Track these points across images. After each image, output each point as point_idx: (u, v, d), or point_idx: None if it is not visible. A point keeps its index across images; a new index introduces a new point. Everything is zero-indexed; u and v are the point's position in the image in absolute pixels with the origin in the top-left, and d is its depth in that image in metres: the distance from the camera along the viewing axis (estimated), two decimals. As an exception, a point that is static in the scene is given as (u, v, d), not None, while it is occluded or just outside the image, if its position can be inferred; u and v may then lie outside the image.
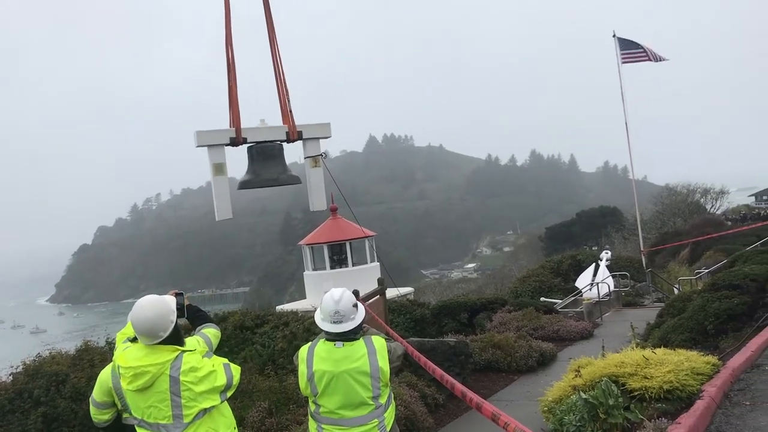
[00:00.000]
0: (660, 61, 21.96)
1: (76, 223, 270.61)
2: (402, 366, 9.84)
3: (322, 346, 4.77)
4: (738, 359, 8.28)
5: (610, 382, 6.95)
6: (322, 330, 4.80)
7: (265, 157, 9.91)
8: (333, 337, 4.73)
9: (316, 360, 4.72)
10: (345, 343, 4.71)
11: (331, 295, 4.77)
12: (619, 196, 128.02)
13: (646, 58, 21.82)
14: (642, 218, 33.61)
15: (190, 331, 4.85)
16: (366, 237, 23.78)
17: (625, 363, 7.43)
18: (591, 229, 67.52)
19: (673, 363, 7.31)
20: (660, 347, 8.61)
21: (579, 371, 7.64)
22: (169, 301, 4.41)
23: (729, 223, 42.44)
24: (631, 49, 21.90)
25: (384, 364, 4.70)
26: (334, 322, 4.69)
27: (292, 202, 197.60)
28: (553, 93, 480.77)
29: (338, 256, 23.07)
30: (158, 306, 4.24)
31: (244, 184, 10.14)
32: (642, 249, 24.66)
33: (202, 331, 4.75)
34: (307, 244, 23.69)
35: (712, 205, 53.94)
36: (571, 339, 14.25)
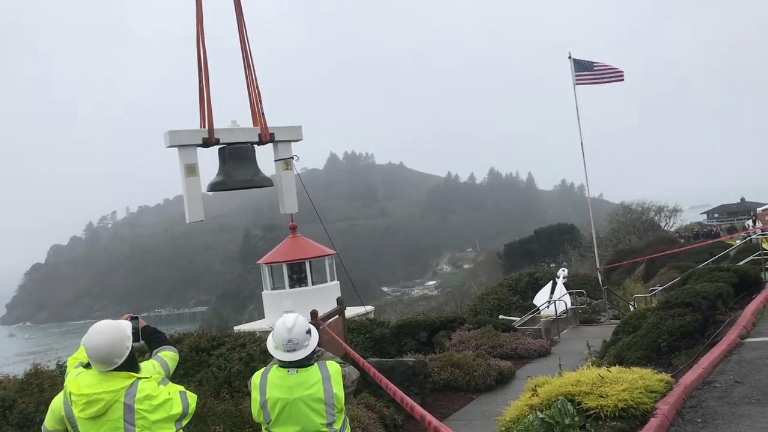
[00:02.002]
0: (615, 80, 22.43)
1: (28, 242, 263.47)
2: (361, 387, 9.80)
3: (275, 372, 4.70)
4: (690, 376, 8.44)
5: (566, 401, 7.03)
6: (273, 357, 4.74)
7: (238, 158, 9.77)
8: (287, 365, 4.67)
9: (269, 387, 4.64)
10: (299, 369, 4.65)
11: (283, 322, 4.69)
12: (577, 213, 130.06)
13: (599, 81, 22.30)
14: (598, 236, 34.20)
15: (146, 353, 4.74)
16: (326, 255, 23.69)
17: (581, 381, 7.51)
18: (549, 246, 68.55)
19: (628, 381, 7.42)
20: (615, 365, 8.74)
21: (536, 390, 7.69)
22: (125, 326, 4.30)
23: (682, 240, 43.46)
24: (585, 71, 22.36)
25: (338, 389, 4.64)
26: (287, 351, 4.61)
27: (252, 220, 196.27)
28: (511, 111, 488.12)
29: (298, 275, 22.87)
30: (113, 332, 4.13)
31: (216, 186, 9.90)
32: (598, 266, 25.05)
33: (159, 354, 4.65)
34: (265, 263, 23.44)
35: (666, 223, 55.29)
36: (529, 357, 14.35)
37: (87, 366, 4.22)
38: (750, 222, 44.60)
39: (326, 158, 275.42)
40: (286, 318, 4.72)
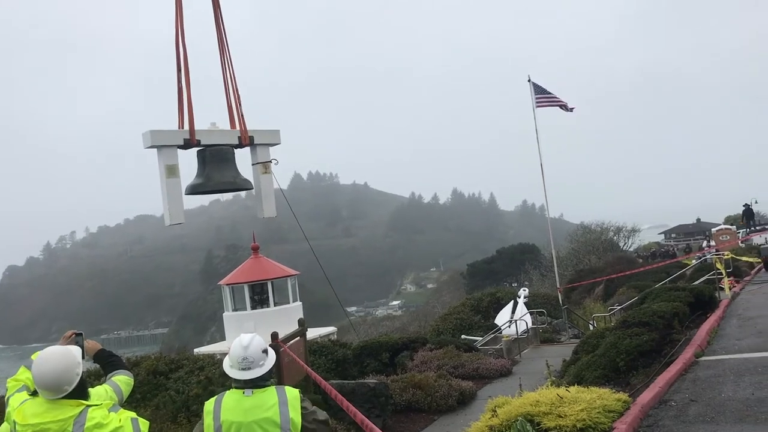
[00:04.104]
0: (567, 110, 22.95)
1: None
2: (322, 410, 9.70)
3: (230, 395, 4.61)
4: (647, 395, 8.55)
5: (526, 422, 7.06)
6: (230, 378, 4.66)
7: (219, 160, 9.62)
8: (242, 385, 4.60)
9: (223, 411, 4.54)
10: (255, 390, 4.56)
11: (239, 340, 4.63)
12: (538, 233, 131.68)
13: (557, 103, 22.77)
14: (558, 256, 34.61)
15: (102, 377, 4.62)
16: (288, 276, 23.52)
17: (541, 402, 7.55)
18: (511, 265, 69.15)
19: (586, 401, 7.49)
20: (575, 385, 8.82)
21: (496, 411, 7.71)
22: (75, 352, 4.17)
23: (640, 260, 44.26)
24: (543, 94, 22.81)
25: (295, 415, 4.54)
26: (242, 369, 4.54)
27: (214, 240, 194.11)
28: (474, 132, 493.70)
29: (259, 296, 22.60)
30: (63, 358, 4.01)
31: (196, 188, 9.69)
32: (558, 286, 25.33)
33: (113, 378, 4.54)
34: (227, 284, 23.15)
35: (625, 243, 56.28)
36: (490, 377, 14.39)
37: (34, 393, 4.09)
38: (705, 242, 45.74)
39: (290, 178, 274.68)
40: (242, 337, 4.66)
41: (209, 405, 4.62)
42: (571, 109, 23.15)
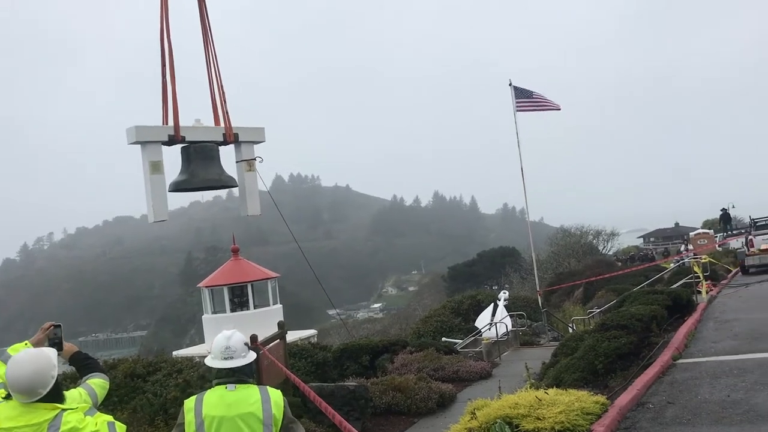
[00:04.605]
0: (551, 110, 23.10)
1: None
2: (301, 413, 9.68)
3: (212, 392, 4.59)
4: (624, 398, 8.62)
5: (504, 424, 7.09)
6: (213, 369, 4.63)
7: (204, 157, 9.49)
8: (224, 375, 4.58)
9: (205, 406, 4.51)
10: (238, 386, 4.56)
11: (222, 334, 4.70)
12: (518, 236, 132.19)
13: (538, 108, 22.90)
14: (538, 259, 34.79)
15: (78, 380, 4.56)
16: (268, 278, 23.43)
17: (519, 404, 7.59)
18: (491, 268, 69.42)
19: (565, 404, 7.53)
20: (554, 387, 8.86)
21: (475, 413, 7.73)
22: (51, 354, 4.10)
23: (619, 263, 44.64)
24: (525, 98, 22.93)
25: (278, 412, 4.55)
26: (225, 358, 4.57)
27: (194, 242, 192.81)
28: (455, 135, 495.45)
29: (239, 299, 22.52)
30: (38, 361, 3.93)
31: (180, 185, 9.52)
32: (538, 289, 25.46)
33: (88, 381, 4.48)
34: (206, 286, 23.03)
35: (604, 246, 56.73)
36: (470, 379, 14.42)
37: (7, 397, 4.01)
38: (683, 246, 46.26)
39: (271, 179, 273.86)
40: (224, 331, 4.73)
41: (190, 402, 4.59)
42: (557, 108, 23.26)
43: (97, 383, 4.47)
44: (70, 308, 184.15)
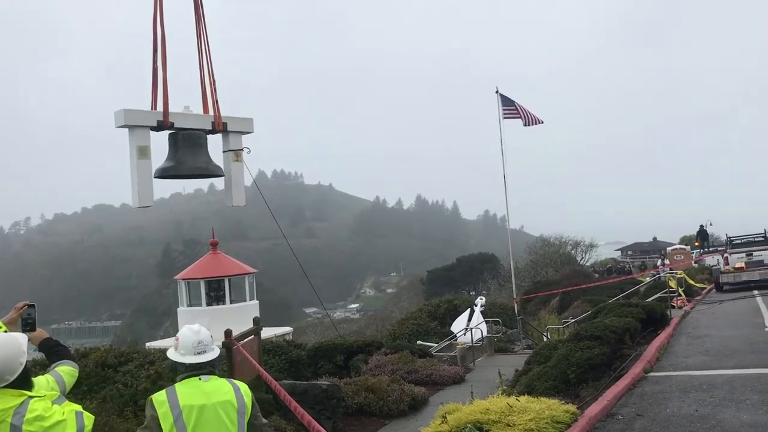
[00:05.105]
0: (534, 124, 23.16)
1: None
2: (272, 410, 9.64)
3: (184, 384, 4.51)
4: (595, 408, 8.69)
5: (475, 429, 7.11)
6: (183, 365, 4.52)
7: (192, 145, 9.41)
8: (196, 368, 4.55)
9: (181, 397, 4.44)
10: (210, 376, 4.55)
11: (189, 328, 4.63)
12: (498, 243, 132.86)
13: (522, 118, 22.98)
14: (517, 266, 34.95)
15: (47, 367, 4.50)
16: (246, 274, 23.31)
17: (491, 410, 7.62)
18: (470, 274, 69.58)
19: (535, 411, 7.58)
20: (525, 394, 8.92)
21: (446, 417, 7.75)
22: (21, 340, 4.04)
23: (596, 275, 45.00)
24: (511, 106, 23.02)
25: (248, 401, 4.56)
26: (198, 353, 4.52)
27: (173, 234, 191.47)
28: (441, 139, 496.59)
29: (216, 293, 22.38)
30: (7, 346, 3.87)
31: (166, 172, 9.41)
32: (515, 296, 25.56)
33: (57, 369, 4.42)
34: (183, 279, 22.86)
35: (582, 257, 57.08)
36: (443, 383, 14.43)
37: None
38: (660, 261, 46.73)
39: (254, 174, 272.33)
40: (190, 326, 4.68)
41: (160, 396, 4.49)
42: (541, 122, 23.35)
43: (66, 371, 4.42)
44: (44, 294, 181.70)
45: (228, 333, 9.11)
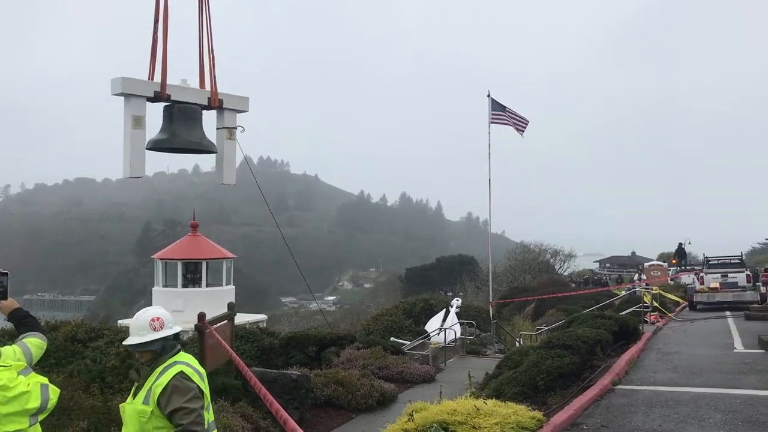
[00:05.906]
0: (520, 129, 23.15)
1: None
2: (239, 396, 9.62)
3: (184, 355, 4.52)
4: (560, 417, 8.76)
5: (440, 429, 7.14)
6: (172, 337, 4.48)
7: (187, 119, 9.29)
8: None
9: (196, 366, 4.51)
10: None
11: (153, 309, 4.59)
12: (479, 246, 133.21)
13: (510, 124, 23.02)
14: (495, 271, 35.12)
15: (15, 338, 4.47)
16: (224, 258, 23.24)
17: (458, 411, 7.66)
18: (449, 275, 69.66)
19: (502, 415, 7.62)
20: (493, 398, 8.97)
21: (413, 415, 7.77)
22: None
23: (573, 285, 45.33)
24: (501, 111, 23.06)
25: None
26: (175, 324, 4.55)
27: (155, 212, 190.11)
28: (429, 140, 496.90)
29: (192, 275, 22.29)
30: None
31: (159, 144, 9.26)
32: (491, 300, 25.68)
33: (24, 340, 4.40)
34: (160, 258, 22.74)
35: (560, 266, 57.41)
36: (413, 381, 14.48)
37: None
38: (637, 275, 47.16)
39: (239, 159, 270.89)
40: (148, 309, 4.61)
41: (188, 368, 4.39)
42: (524, 127, 23.32)
43: (34, 343, 4.40)
44: (19, 265, 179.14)
45: (201, 316, 9.07)
